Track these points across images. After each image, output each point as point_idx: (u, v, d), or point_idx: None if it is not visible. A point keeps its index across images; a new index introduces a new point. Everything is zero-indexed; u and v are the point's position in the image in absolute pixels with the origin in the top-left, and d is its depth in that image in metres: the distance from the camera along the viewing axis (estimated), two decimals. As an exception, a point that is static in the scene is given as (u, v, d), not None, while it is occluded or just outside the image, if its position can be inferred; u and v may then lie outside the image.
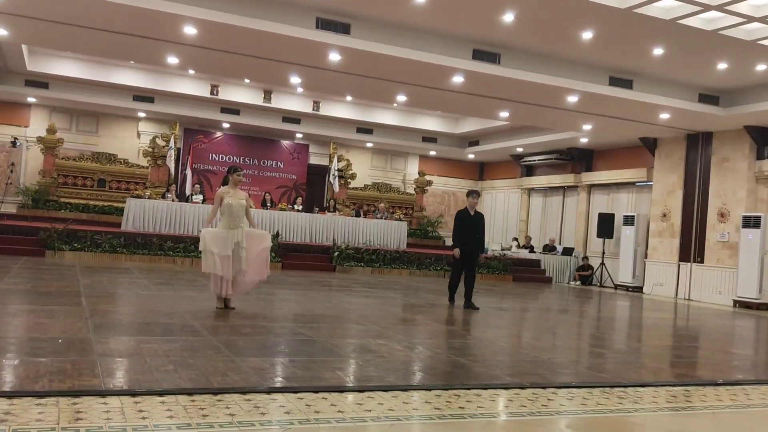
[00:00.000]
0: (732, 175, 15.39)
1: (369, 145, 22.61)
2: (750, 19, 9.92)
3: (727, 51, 11.37)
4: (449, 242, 22.08)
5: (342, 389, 4.35)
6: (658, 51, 11.59)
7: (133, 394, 3.83)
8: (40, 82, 17.44)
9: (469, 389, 4.62)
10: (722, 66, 12.17)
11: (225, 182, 7.98)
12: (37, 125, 19.05)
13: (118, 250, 14.33)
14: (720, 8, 9.63)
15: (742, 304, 14.52)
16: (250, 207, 8.05)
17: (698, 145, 16.26)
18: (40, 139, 18.29)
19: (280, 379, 4.62)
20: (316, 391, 4.20)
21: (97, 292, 8.75)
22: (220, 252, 7.54)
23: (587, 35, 11.08)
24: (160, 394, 3.87)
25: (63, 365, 4.42)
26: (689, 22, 10.17)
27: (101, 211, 18.08)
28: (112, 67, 17.15)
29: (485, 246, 10.44)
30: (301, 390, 4.21)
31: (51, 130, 18.28)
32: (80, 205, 18.09)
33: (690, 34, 10.57)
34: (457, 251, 9.92)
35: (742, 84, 13.38)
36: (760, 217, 14.39)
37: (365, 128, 21.20)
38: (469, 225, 9.98)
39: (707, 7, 9.62)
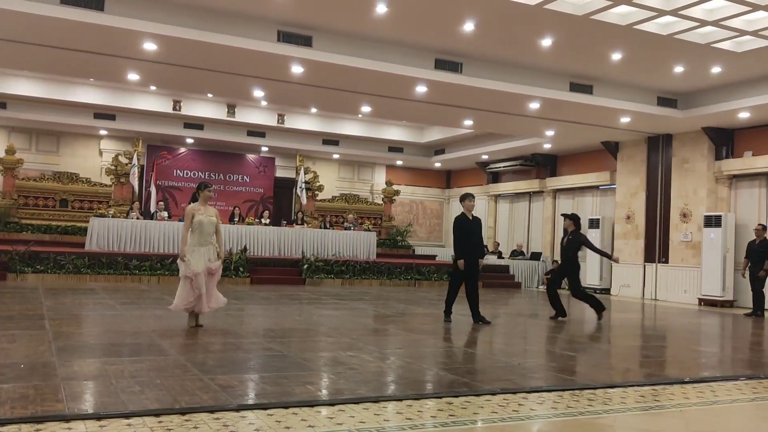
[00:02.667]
0: (692, 175, 15.70)
1: (335, 156, 22.60)
2: (703, 22, 10.16)
3: (683, 54, 11.62)
4: (419, 251, 22.30)
5: (313, 403, 4.32)
6: (616, 56, 11.80)
7: (99, 418, 3.75)
8: (-3, 102, 17.13)
9: (440, 398, 4.62)
10: (679, 69, 12.43)
11: (194, 199, 7.90)
12: (-5, 146, 18.69)
13: (82, 271, 14.07)
14: (674, 13, 9.84)
15: (707, 302, 14.78)
16: (219, 224, 7.97)
17: (659, 147, 16.57)
18: (-2, 160, 17.93)
19: (250, 396, 4.57)
20: (287, 407, 4.16)
21: (61, 314, 8.57)
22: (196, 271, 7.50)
23: (547, 42, 11.23)
24: (126, 416, 3.80)
25: (25, 390, 4.31)
26: (645, 27, 10.38)
27: (64, 232, 17.76)
28: (71, 85, 16.89)
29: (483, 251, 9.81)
30: (271, 406, 4.17)
31: (10, 151, 17.92)
32: (42, 226, 17.75)
33: (646, 38, 10.78)
34: (461, 263, 9.12)
35: (699, 86, 13.68)
36: (720, 216, 14.69)
37: (331, 140, 21.18)
38: (470, 231, 9.22)
39: (662, 12, 9.83)
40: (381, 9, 10.10)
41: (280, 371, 5.38)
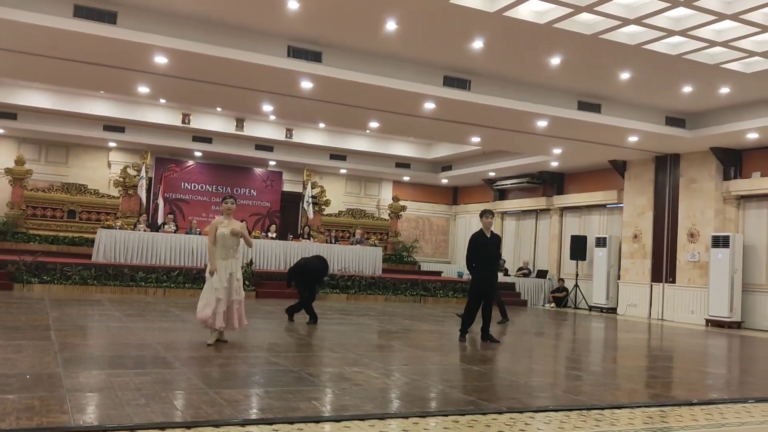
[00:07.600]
0: (700, 195, 15.65)
1: (343, 171, 22.65)
2: (712, 43, 10.18)
3: (691, 75, 11.63)
4: (425, 267, 22.24)
5: (318, 419, 4.30)
6: (624, 75, 11.82)
7: (104, 430, 3.74)
8: (7, 113, 17.24)
9: (446, 416, 4.59)
10: (687, 89, 12.44)
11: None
12: (5, 156, 18.82)
13: (88, 282, 14.08)
14: (683, 33, 9.87)
15: (714, 323, 14.68)
16: (247, 234, 7.88)
17: (666, 166, 16.54)
18: (8, 171, 18.01)
19: (254, 410, 4.55)
20: (292, 422, 4.14)
21: (67, 325, 8.57)
22: (219, 285, 7.42)
23: (555, 61, 11.27)
24: (132, 429, 3.79)
25: (31, 402, 4.30)
26: (654, 47, 10.40)
27: (71, 243, 17.78)
28: (81, 97, 17.00)
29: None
30: (276, 421, 4.15)
31: (19, 161, 18.01)
32: (50, 237, 17.77)
33: (655, 58, 10.80)
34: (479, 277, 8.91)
35: (707, 107, 13.67)
36: (728, 236, 14.63)
37: (339, 155, 21.24)
38: (488, 248, 8.98)
39: (671, 33, 9.85)
40: (391, 26, 10.16)
41: (285, 386, 5.37)
